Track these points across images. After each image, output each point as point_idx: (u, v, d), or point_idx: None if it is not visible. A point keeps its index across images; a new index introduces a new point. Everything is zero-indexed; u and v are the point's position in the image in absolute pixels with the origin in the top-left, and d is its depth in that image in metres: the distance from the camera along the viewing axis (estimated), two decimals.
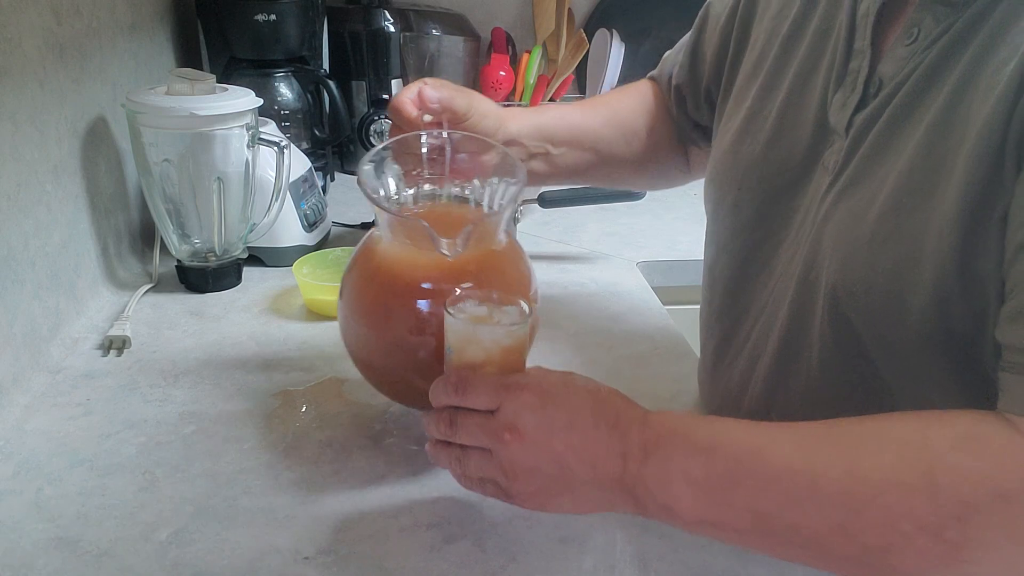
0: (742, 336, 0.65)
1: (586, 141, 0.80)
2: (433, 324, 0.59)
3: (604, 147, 0.81)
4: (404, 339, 0.61)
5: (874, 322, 0.51)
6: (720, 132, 0.70)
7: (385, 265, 0.62)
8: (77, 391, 0.75)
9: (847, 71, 0.56)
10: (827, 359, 0.55)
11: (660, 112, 0.84)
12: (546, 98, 1.46)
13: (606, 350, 0.84)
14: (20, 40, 0.75)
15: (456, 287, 0.58)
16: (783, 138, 0.60)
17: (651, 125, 0.83)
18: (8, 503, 0.60)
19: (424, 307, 0.60)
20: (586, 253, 1.11)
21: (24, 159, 0.76)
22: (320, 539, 0.57)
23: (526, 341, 0.56)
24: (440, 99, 0.68)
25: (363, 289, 0.63)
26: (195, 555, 0.55)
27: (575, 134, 0.79)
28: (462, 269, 0.60)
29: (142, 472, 0.64)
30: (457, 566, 0.55)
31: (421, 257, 0.61)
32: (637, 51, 1.53)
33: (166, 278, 0.97)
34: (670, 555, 0.56)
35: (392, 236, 0.62)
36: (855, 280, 0.51)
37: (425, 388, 0.57)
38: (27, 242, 0.76)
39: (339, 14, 1.36)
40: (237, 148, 0.91)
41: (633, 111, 0.83)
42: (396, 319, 0.61)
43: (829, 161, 0.56)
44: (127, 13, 1.03)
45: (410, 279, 0.61)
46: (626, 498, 0.50)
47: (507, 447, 0.51)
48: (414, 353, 0.61)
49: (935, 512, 0.42)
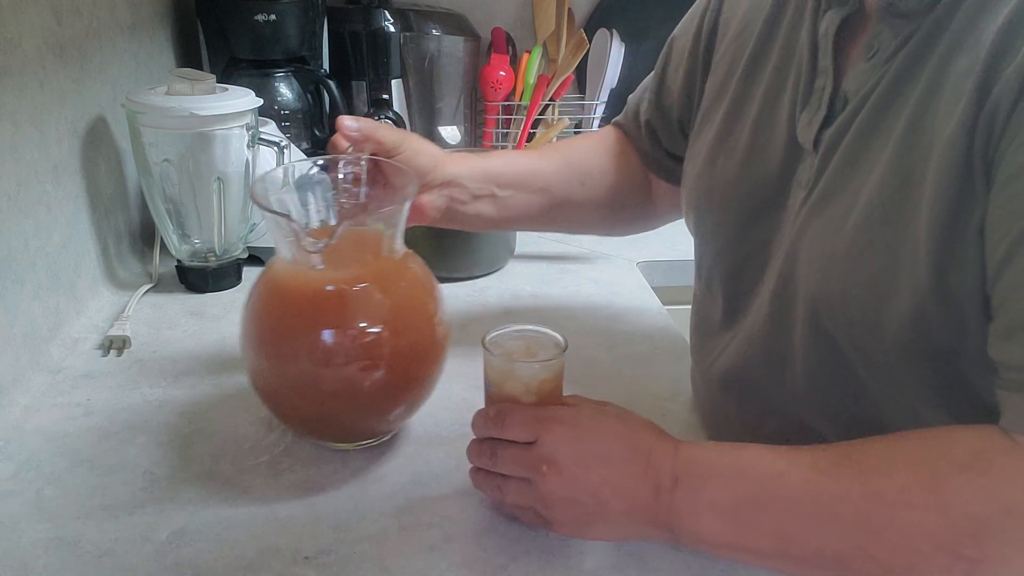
0: (732, 348, 0.65)
1: (535, 183, 0.77)
2: (313, 339, 0.59)
3: (557, 189, 0.78)
4: (288, 357, 0.60)
5: (853, 334, 0.51)
6: (690, 156, 0.70)
7: (269, 282, 0.63)
8: (77, 391, 0.75)
9: (812, 89, 0.56)
10: (811, 371, 0.56)
11: (621, 153, 0.82)
12: (546, 98, 1.46)
13: (606, 350, 0.84)
14: (20, 40, 0.75)
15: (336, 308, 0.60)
16: (756, 158, 0.61)
17: (609, 166, 0.81)
18: (8, 503, 0.60)
19: (309, 324, 0.59)
20: (586, 253, 1.11)
21: (24, 159, 0.76)
22: (320, 539, 0.57)
23: (562, 372, 0.59)
24: (360, 128, 0.67)
25: (251, 311, 0.63)
26: (195, 555, 0.55)
27: (522, 176, 0.77)
28: (344, 288, 0.60)
29: (142, 472, 0.64)
30: (457, 566, 0.55)
31: (300, 272, 0.61)
32: (637, 51, 1.53)
33: (166, 278, 0.97)
34: (670, 554, 0.56)
35: (280, 252, 0.63)
36: (833, 293, 0.52)
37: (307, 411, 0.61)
38: (27, 242, 0.76)
39: (339, 14, 1.35)
40: (237, 148, 0.91)
41: (588, 153, 0.81)
42: (279, 336, 0.60)
43: (803, 177, 0.57)
44: (127, 13, 1.03)
45: (289, 295, 0.61)
46: (659, 528, 0.52)
47: (545, 479, 0.53)
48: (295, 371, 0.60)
49: (949, 530, 0.43)
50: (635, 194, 0.83)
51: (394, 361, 0.60)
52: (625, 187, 0.81)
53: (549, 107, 1.49)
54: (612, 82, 1.48)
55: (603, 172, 0.80)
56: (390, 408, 0.64)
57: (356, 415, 0.64)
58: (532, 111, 1.45)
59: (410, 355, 0.62)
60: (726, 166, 0.63)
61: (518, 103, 1.46)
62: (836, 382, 0.55)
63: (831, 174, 0.54)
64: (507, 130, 1.49)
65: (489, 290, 0.99)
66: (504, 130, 1.49)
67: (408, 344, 0.61)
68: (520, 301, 0.95)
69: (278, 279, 0.62)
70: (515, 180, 0.77)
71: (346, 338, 0.59)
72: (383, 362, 0.60)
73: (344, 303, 0.60)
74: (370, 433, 0.67)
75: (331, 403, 0.61)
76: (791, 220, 0.57)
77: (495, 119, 1.47)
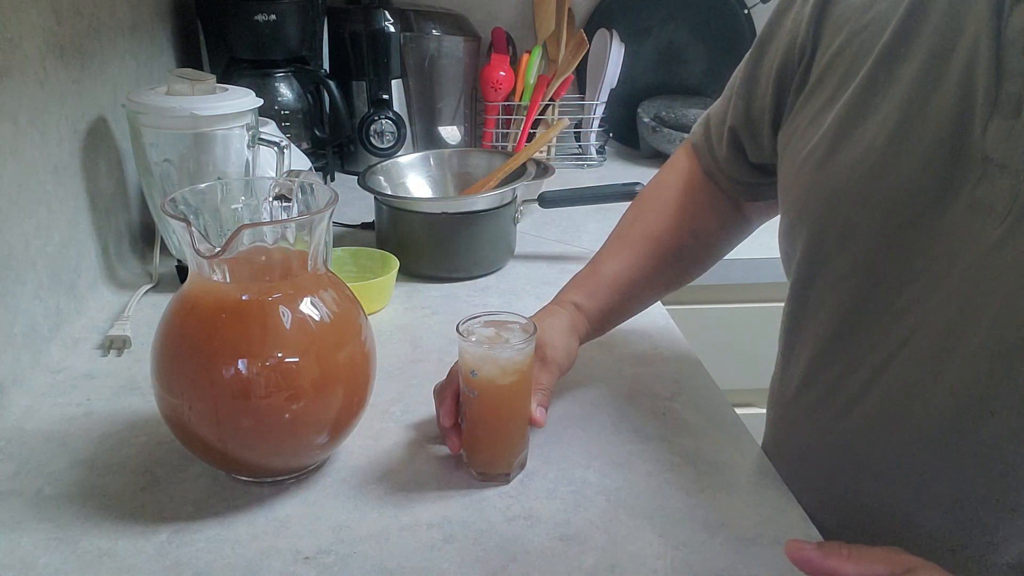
0: (850, 373, 0.59)
1: (641, 291, 0.77)
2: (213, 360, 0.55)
3: (659, 282, 0.78)
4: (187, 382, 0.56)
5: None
6: (792, 156, 0.63)
7: (173, 299, 0.60)
8: (77, 391, 0.75)
9: (999, 96, 0.48)
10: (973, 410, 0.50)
11: (705, 199, 0.77)
12: (546, 98, 1.46)
13: (606, 350, 0.84)
14: (20, 40, 0.75)
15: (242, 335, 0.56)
16: (904, 164, 0.53)
17: (699, 222, 0.77)
18: (8, 503, 0.60)
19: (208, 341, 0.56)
20: (586, 253, 1.10)
21: (25, 159, 0.76)
22: (320, 539, 0.57)
23: (533, 352, 0.62)
24: None
25: (163, 332, 0.59)
26: (195, 555, 0.55)
27: (630, 298, 0.77)
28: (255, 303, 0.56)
29: (142, 472, 0.64)
30: (457, 566, 0.55)
31: (204, 286, 0.58)
32: (637, 51, 1.53)
33: (166, 278, 0.97)
34: (670, 554, 0.56)
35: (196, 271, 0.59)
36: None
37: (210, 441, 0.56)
38: (28, 242, 0.76)
39: (339, 14, 1.36)
40: (237, 148, 0.91)
41: (672, 222, 0.77)
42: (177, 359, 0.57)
43: (995, 201, 0.48)
44: (127, 13, 1.03)
45: (190, 309, 0.58)
46: None
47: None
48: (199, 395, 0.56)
49: None
50: (731, 227, 0.79)
51: (310, 388, 0.57)
52: (719, 229, 0.78)
53: (549, 107, 1.49)
54: (612, 82, 1.48)
55: (696, 235, 0.77)
56: (302, 445, 0.60)
57: (260, 452, 0.59)
58: (532, 111, 1.45)
59: (323, 382, 0.58)
60: (849, 165, 0.56)
61: (518, 103, 1.46)
62: None
63: None
64: (507, 130, 1.49)
65: (489, 290, 0.99)
66: (504, 130, 1.49)
67: (325, 368, 0.58)
68: (520, 301, 0.95)
69: (182, 296, 0.59)
70: (624, 300, 0.76)
71: (254, 363, 0.55)
72: (296, 391, 0.56)
73: (242, 318, 0.56)
74: (286, 470, 0.62)
75: (234, 438, 0.57)
76: (977, 247, 0.49)
77: (495, 119, 1.48)
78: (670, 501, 0.62)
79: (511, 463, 0.64)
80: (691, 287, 1.09)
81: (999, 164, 0.48)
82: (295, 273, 0.59)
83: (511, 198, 1.03)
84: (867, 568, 0.45)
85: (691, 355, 0.84)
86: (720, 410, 0.74)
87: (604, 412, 0.73)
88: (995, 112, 0.48)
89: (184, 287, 0.60)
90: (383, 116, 1.32)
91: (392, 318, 0.91)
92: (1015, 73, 0.48)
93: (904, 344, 0.54)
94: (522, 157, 1.09)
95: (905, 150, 0.53)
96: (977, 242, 0.49)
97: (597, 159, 1.52)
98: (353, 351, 0.60)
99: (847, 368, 0.59)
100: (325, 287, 0.60)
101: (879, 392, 0.56)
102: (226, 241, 0.53)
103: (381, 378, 0.67)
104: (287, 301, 0.57)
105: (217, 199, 0.62)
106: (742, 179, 0.75)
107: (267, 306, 0.57)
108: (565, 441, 0.69)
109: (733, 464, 0.67)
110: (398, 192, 1.10)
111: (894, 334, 0.55)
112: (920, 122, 0.52)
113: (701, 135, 0.78)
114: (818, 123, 0.59)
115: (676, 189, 0.78)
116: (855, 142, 0.56)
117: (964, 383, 0.50)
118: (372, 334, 0.63)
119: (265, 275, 0.59)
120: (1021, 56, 0.48)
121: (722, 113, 0.75)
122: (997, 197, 0.48)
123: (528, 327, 0.62)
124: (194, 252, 0.54)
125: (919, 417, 0.53)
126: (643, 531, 0.58)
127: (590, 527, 0.59)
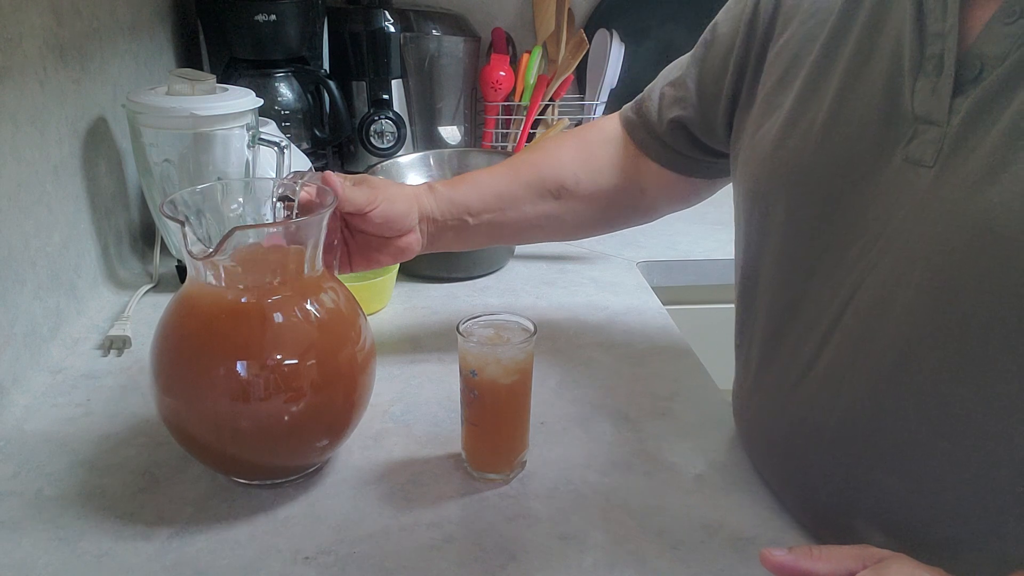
0: (800, 344, 0.60)
1: (506, 205, 0.78)
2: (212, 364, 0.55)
3: (530, 209, 0.78)
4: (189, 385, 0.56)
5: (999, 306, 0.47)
6: (748, 142, 0.66)
7: (170, 303, 0.59)
8: (77, 391, 0.75)
9: (923, 58, 0.53)
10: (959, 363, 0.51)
11: (611, 154, 0.80)
12: (546, 98, 1.46)
13: (606, 350, 0.84)
14: (20, 40, 0.75)
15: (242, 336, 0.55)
16: (838, 135, 0.57)
17: (588, 173, 0.79)
18: (8, 503, 0.60)
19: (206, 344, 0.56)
20: (586, 253, 1.11)
21: (24, 159, 0.76)
22: (320, 539, 0.57)
23: (532, 352, 0.62)
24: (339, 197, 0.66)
25: (161, 335, 0.59)
26: (195, 555, 0.56)
27: (491, 202, 0.77)
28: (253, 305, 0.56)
29: (142, 472, 0.64)
30: (457, 566, 0.55)
31: (202, 290, 0.57)
32: (637, 51, 1.53)
33: (166, 278, 0.97)
34: (669, 553, 0.56)
35: (194, 274, 0.59)
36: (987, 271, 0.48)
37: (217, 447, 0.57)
38: (27, 242, 0.76)
39: (339, 14, 1.35)
40: (237, 148, 0.91)
41: (565, 162, 0.79)
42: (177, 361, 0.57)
43: (923, 154, 0.52)
44: (127, 13, 1.03)
45: (187, 313, 0.58)
46: None
47: None
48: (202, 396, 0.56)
49: None
50: (624, 197, 0.81)
51: (310, 389, 0.57)
52: (610, 191, 0.80)
53: (549, 107, 1.49)
54: (612, 82, 1.48)
55: (578, 182, 0.79)
56: (302, 447, 0.60)
57: (260, 454, 0.59)
58: (532, 111, 1.45)
59: (323, 383, 0.57)
60: (800, 144, 0.59)
61: (518, 103, 1.46)
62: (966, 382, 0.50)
63: (983, 147, 0.49)
64: (507, 130, 1.49)
65: (489, 290, 0.99)
66: (504, 130, 1.49)
67: (325, 370, 0.57)
68: (520, 301, 0.96)
69: (180, 299, 0.59)
70: (485, 207, 0.77)
71: (253, 366, 0.55)
72: (298, 392, 0.56)
73: (240, 320, 0.56)
74: (286, 471, 0.62)
75: (234, 440, 0.57)
76: (908, 201, 0.53)
77: (495, 119, 1.48)
78: (670, 501, 0.62)
79: (511, 463, 0.64)
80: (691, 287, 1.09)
81: (926, 120, 0.52)
82: (294, 274, 0.58)
83: None
84: (839, 565, 0.46)
85: (691, 355, 0.84)
86: (719, 410, 0.74)
87: (604, 412, 0.73)
88: (920, 73, 0.53)
89: (183, 288, 0.59)
90: (383, 116, 1.32)
91: (392, 318, 0.91)
92: (935, 35, 0.52)
93: (848, 303, 0.56)
94: None
95: (843, 120, 0.57)
96: (912, 194, 0.53)
97: None
98: (353, 352, 0.60)
99: (798, 341, 0.60)
100: (324, 288, 0.60)
101: (827, 356, 0.58)
102: (218, 243, 0.52)
103: (381, 378, 0.67)
104: (286, 303, 0.57)
105: (218, 200, 0.62)
106: (678, 150, 0.77)
107: (266, 308, 0.56)
108: (565, 441, 0.69)
109: (732, 464, 0.67)
110: None
111: (840, 296, 0.57)
112: (856, 93, 0.56)
113: (633, 114, 0.81)
114: (774, 107, 0.63)
115: (582, 138, 0.82)
116: (806, 123, 0.59)
117: (903, 329, 0.52)
118: (372, 335, 0.63)
119: (264, 276, 0.58)
120: (939, 20, 0.52)
121: (657, 99, 0.78)
122: (926, 150, 0.52)
123: (528, 327, 0.62)
124: (187, 254, 0.54)
125: (863, 370, 0.54)
126: (643, 531, 0.59)
127: (590, 527, 0.59)
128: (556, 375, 0.79)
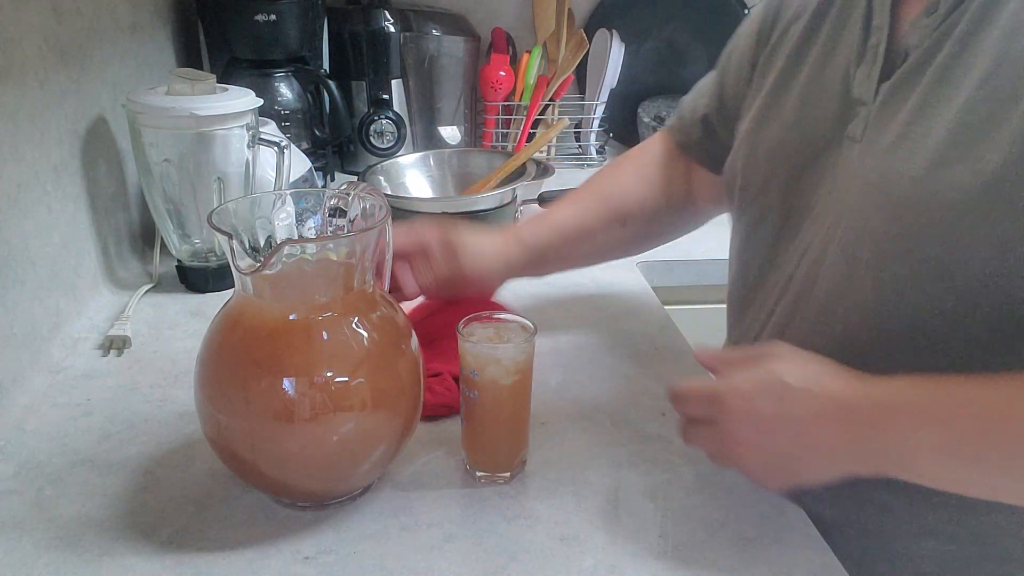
0: (766, 311, 0.67)
1: (581, 241, 0.83)
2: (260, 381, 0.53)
3: (602, 239, 0.84)
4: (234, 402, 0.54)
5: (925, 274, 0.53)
6: (739, 128, 0.72)
7: (218, 317, 0.58)
8: (77, 391, 0.75)
9: (866, 48, 0.60)
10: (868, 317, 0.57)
11: (662, 173, 0.85)
12: (546, 98, 1.46)
13: (606, 350, 0.84)
14: (20, 40, 0.75)
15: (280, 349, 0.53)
16: (807, 116, 0.64)
17: (650, 194, 0.84)
18: (9, 503, 0.60)
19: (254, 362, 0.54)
20: None
21: (24, 159, 0.76)
22: (320, 539, 0.57)
23: (533, 351, 0.62)
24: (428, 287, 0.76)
25: (206, 350, 0.57)
26: (195, 555, 0.55)
27: (570, 240, 0.82)
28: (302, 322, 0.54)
29: (142, 472, 0.64)
30: (457, 566, 0.55)
31: (247, 304, 0.56)
32: (637, 51, 1.53)
33: (166, 278, 0.97)
34: (668, 553, 0.56)
35: (242, 289, 0.57)
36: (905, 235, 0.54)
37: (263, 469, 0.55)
38: (27, 242, 0.76)
39: (339, 14, 1.36)
40: (237, 148, 0.91)
41: (628, 189, 0.84)
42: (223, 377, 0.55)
43: (855, 131, 0.59)
44: (127, 13, 1.03)
45: (233, 328, 0.56)
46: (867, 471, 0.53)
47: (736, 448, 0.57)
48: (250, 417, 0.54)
49: None
50: (678, 210, 0.86)
51: (363, 408, 0.55)
52: (667, 206, 0.85)
53: (549, 107, 1.49)
54: (612, 82, 1.48)
55: (643, 206, 0.84)
56: (353, 467, 0.58)
57: (312, 478, 0.57)
58: (532, 111, 1.45)
59: (378, 400, 0.55)
60: (774, 128, 0.66)
61: (518, 103, 1.46)
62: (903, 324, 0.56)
63: (896, 123, 0.56)
64: (507, 130, 1.49)
65: None
66: (504, 130, 1.49)
67: (378, 387, 0.55)
68: (520, 301, 0.95)
69: (225, 312, 0.57)
70: (564, 245, 0.82)
71: (300, 385, 0.53)
72: (346, 412, 0.54)
73: (287, 336, 0.54)
74: (337, 493, 0.60)
75: (285, 464, 0.55)
76: (844, 173, 0.59)
77: (495, 119, 1.48)
78: (670, 501, 0.62)
79: (511, 463, 0.64)
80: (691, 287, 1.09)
81: (859, 102, 0.60)
82: (343, 289, 0.56)
83: (511, 198, 1.03)
84: None
85: (691, 355, 0.84)
86: None
87: (604, 412, 0.73)
88: (862, 62, 0.60)
89: (229, 303, 0.57)
90: (383, 116, 1.32)
91: None
92: (876, 28, 0.60)
93: (793, 273, 0.63)
94: (522, 157, 1.09)
95: (811, 103, 0.64)
96: (846, 167, 0.60)
97: (597, 159, 1.52)
98: (403, 369, 0.57)
99: (759, 326, 0.67)
100: (374, 304, 0.58)
101: (774, 322, 0.65)
102: (267, 257, 0.50)
103: None
104: (335, 321, 0.55)
105: (269, 210, 0.59)
106: (708, 147, 0.82)
107: (314, 325, 0.54)
108: (565, 441, 0.69)
109: None
110: (398, 192, 1.10)
111: (790, 265, 0.64)
112: (820, 82, 0.63)
113: (675, 121, 0.87)
114: (757, 98, 0.70)
115: (637, 163, 0.87)
116: (779, 108, 0.66)
117: (828, 286, 0.59)
118: (420, 351, 0.60)
119: (312, 291, 0.57)
120: (884, 13, 0.59)
121: (705, 102, 0.83)
122: (857, 127, 0.59)
123: (528, 327, 0.62)
124: (235, 268, 0.53)
125: (815, 345, 0.58)
126: (643, 531, 0.59)
127: (590, 527, 0.59)
128: (556, 375, 0.79)
